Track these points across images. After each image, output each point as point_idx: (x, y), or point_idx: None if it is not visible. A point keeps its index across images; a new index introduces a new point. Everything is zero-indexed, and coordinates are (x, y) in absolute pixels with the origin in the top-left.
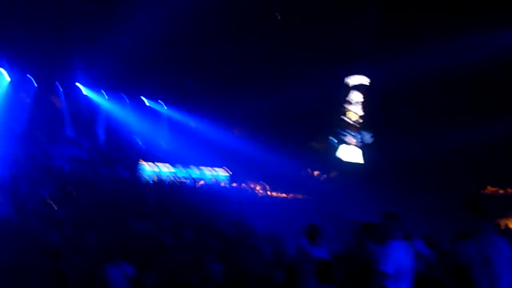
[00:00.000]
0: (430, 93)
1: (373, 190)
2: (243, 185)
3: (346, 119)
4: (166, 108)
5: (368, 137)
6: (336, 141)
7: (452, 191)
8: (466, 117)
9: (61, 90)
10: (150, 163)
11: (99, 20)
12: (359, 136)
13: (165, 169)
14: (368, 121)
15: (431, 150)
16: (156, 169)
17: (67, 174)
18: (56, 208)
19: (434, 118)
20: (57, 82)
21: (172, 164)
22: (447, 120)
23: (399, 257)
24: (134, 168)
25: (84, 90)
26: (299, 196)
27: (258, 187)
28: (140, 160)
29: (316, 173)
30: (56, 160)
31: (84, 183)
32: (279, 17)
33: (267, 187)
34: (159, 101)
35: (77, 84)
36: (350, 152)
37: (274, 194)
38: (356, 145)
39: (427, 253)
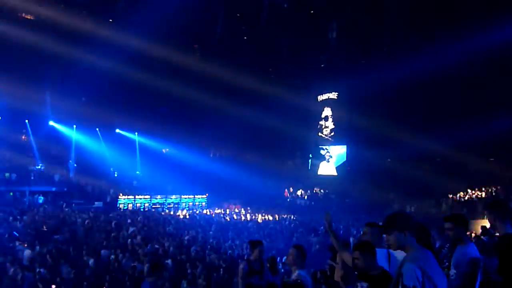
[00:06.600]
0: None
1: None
2: (217, 210)
3: (322, 135)
4: (141, 138)
5: (339, 149)
6: (313, 158)
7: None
8: (433, 124)
9: (30, 127)
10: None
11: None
12: (331, 149)
13: (140, 197)
14: (339, 133)
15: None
16: (131, 197)
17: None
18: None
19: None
20: (26, 120)
21: (150, 195)
22: (415, 127)
23: (381, 262)
24: (110, 199)
25: (57, 126)
26: (282, 216)
27: (236, 210)
28: (119, 193)
29: (299, 192)
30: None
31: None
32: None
33: (248, 209)
34: (135, 132)
35: (51, 121)
36: (326, 167)
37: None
38: (330, 158)
39: None
